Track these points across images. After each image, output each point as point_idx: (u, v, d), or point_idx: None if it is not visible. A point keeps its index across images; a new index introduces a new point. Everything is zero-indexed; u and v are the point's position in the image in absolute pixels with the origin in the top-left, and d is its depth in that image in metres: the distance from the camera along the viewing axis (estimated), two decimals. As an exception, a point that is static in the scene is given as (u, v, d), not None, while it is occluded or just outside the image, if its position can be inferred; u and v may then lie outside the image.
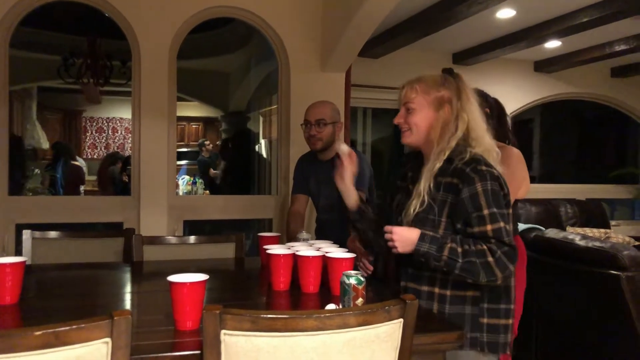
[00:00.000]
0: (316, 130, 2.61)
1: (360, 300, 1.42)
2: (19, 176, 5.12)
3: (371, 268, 2.01)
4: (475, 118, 1.65)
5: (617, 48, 4.96)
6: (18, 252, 2.59)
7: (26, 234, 2.37)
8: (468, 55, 5.41)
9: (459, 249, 1.52)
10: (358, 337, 1.13)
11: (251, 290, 2.01)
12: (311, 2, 3.66)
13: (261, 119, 6.96)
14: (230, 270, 2.30)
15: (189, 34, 3.53)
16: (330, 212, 2.66)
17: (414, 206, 1.62)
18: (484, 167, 1.57)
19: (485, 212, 1.53)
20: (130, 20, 3.32)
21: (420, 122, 1.67)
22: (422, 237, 1.54)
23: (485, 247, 1.51)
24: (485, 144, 1.64)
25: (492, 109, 2.24)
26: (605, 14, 3.89)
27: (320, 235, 2.69)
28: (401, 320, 1.18)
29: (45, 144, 7.38)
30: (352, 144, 5.13)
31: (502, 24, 4.47)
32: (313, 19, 3.66)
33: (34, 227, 2.50)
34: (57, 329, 0.99)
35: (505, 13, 4.17)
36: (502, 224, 1.53)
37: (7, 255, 1.67)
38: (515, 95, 5.85)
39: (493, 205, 1.54)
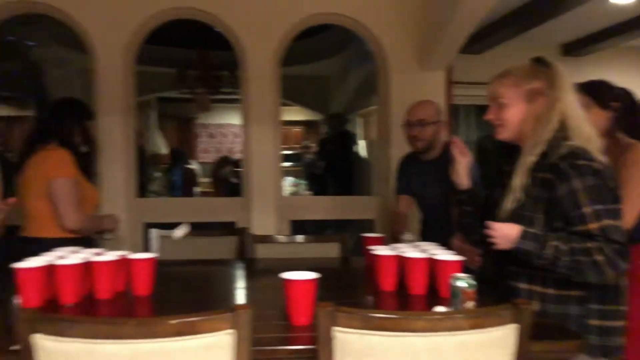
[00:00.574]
0: (417, 131, 2.59)
1: (470, 304, 1.41)
2: (143, 180, 5.60)
3: (479, 260, 1.96)
4: (572, 107, 1.57)
5: None
6: (145, 249, 2.85)
7: (154, 233, 2.62)
8: (580, 46, 5.07)
9: (564, 247, 1.45)
10: (471, 340, 1.13)
11: (358, 290, 2.05)
12: (411, 1, 3.65)
13: (361, 120, 7.02)
14: (336, 269, 2.36)
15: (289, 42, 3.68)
16: (434, 213, 2.64)
17: (509, 202, 1.58)
18: (582, 162, 1.49)
19: (588, 210, 1.45)
20: (237, 32, 3.52)
21: (511, 117, 1.62)
22: (523, 235, 1.50)
23: (592, 245, 1.44)
24: (585, 133, 1.55)
25: (622, 100, 2.05)
26: None
27: (425, 236, 2.68)
28: (515, 325, 1.16)
29: (164, 150, 8.00)
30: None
31: (617, 10, 4.14)
32: (412, 18, 3.65)
33: (157, 225, 2.75)
34: (188, 319, 1.10)
35: (622, -2, 3.87)
36: (609, 221, 1.45)
37: (137, 251, 1.85)
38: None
39: (596, 201, 1.46)
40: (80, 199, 2.30)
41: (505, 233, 1.53)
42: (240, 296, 1.93)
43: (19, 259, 1.59)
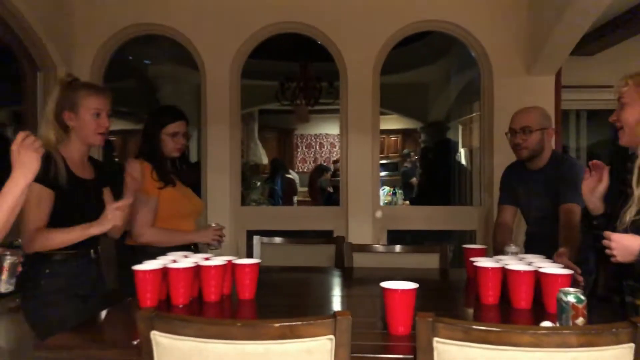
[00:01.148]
0: (521, 139, 2.46)
1: (580, 320, 1.33)
2: (244, 188, 5.87)
3: (580, 280, 1.84)
4: None
5: None
6: (249, 255, 2.98)
7: (256, 239, 2.74)
8: None
9: None
10: (581, 357, 1.06)
11: (458, 302, 2.00)
12: (515, 3, 3.51)
13: (460, 127, 6.83)
14: (436, 280, 2.32)
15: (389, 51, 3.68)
16: (541, 225, 2.50)
17: (630, 213, 1.46)
18: None
19: None
20: (337, 44, 3.59)
21: (629, 117, 1.50)
22: None
23: None
24: None
25: None
26: None
27: (530, 248, 2.54)
28: (632, 345, 1.08)
29: (265, 160, 8.32)
30: (564, 150, 4.73)
31: None
32: (517, 21, 3.51)
33: (259, 233, 2.87)
34: (291, 323, 1.14)
35: None
36: None
37: (241, 257, 1.95)
38: None
39: None
40: (156, 212, 2.27)
41: (625, 244, 1.42)
42: (338, 303, 1.95)
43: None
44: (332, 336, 1.15)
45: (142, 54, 5.70)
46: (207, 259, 1.83)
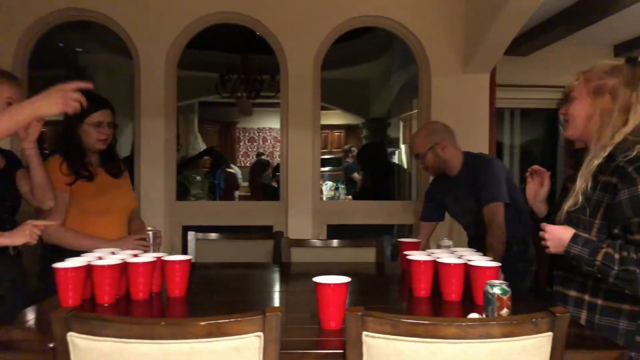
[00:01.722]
0: (421, 163, 2.59)
1: (505, 311, 1.37)
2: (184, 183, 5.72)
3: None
4: None
5: None
6: (184, 251, 2.90)
7: (191, 235, 2.66)
8: (634, 46, 4.85)
9: (616, 255, 1.38)
10: (502, 348, 1.09)
11: (392, 295, 2.03)
12: (452, 3, 3.59)
13: (401, 124, 6.96)
14: (371, 274, 2.34)
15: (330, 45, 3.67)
16: (475, 228, 2.55)
17: (568, 205, 1.52)
18: None
19: None
20: (278, 36, 3.55)
21: (576, 112, 1.56)
22: (574, 239, 1.44)
23: None
24: None
25: None
26: None
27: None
28: (550, 334, 1.12)
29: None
30: (499, 146, 4.91)
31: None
32: (454, 20, 3.58)
33: (196, 228, 2.80)
34: (217, 321, 1.10)
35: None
36: None
37: (175, 253, 1.88)
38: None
39: None
40: (63, 209, 2.11)
41: (557, 235, 1.47)
42: (274, 299, 1.93)
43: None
44: (260, 333, 1.13)
45: (74, 41, 5.43)
46: (135, 255, 1.76)
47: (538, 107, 5.20)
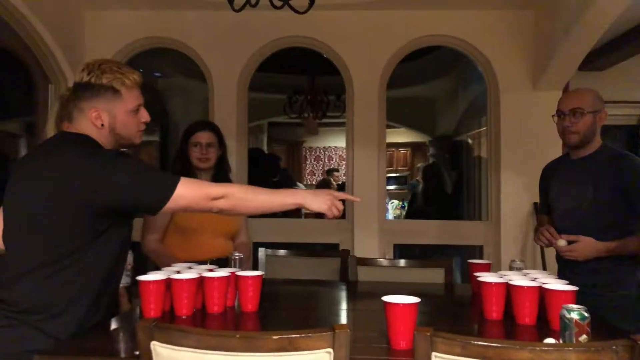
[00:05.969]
0: (570, 122, 2.18)
1: (584, 337, 1.31)
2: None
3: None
4: None
5: None
6: (255, 267, 2.98)
7: (261, 252, 2.74)
8: None
9: None
10: (580, 375, 1.05)
11: (462, 317, 1.99)
12: (521, 19, 3.52)
13: (469, 141, 6.82)
14: (440, 295, 2.31)
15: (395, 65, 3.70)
16: (571, 218, 2.20)
17: None
18: None
19: None
20: (344, 57, 3.62)
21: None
22: None
23: None
24: None
25: None
26: None
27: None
28: (629, 361, 1.07)
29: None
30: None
31: None
32: (523, 37, 3.52)
33: (266, 245, 2.87)
34: (289, 336, 1.14)
35: None
36: None
37: (247, 269, 1.96)
38: None
39: None
40: (164, 225, 2.34)
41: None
42: (341, 317, 1.95)
43: None
44: (330, 349, 1.15)
45: (153, 67, 5.77)
46: (210, 270, 1.84)
47: (616, 123, 4.95)
